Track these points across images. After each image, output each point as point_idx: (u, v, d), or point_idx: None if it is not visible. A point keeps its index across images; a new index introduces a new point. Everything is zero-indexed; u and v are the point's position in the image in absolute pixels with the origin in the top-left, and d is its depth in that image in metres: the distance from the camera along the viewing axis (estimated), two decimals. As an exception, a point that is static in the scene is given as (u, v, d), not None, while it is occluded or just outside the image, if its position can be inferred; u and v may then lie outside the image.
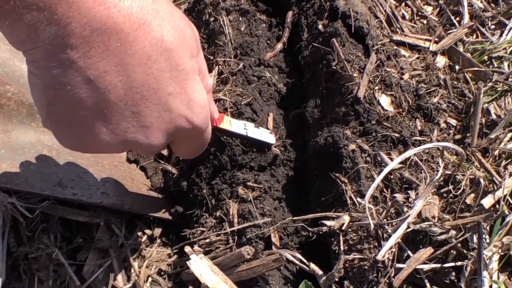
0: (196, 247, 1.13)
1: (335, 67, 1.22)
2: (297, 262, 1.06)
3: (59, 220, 1.24)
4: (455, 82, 1.25)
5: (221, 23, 1.38)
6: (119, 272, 1.19)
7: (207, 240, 1.12)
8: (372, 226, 0.97)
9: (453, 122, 1.19)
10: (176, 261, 1.19)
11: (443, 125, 1.17)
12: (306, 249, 1.14)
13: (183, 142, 0.96)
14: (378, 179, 0.98)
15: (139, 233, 1.26)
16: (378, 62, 1.22)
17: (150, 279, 1.18)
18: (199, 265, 1.07)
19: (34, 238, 1.20)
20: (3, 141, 1.21)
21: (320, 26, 1.33)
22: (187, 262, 1.07)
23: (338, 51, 1.22)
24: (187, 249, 1.14)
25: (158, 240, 1.26)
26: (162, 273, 1.20)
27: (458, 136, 1.17)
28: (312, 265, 1.04)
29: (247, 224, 1.09)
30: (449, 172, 1.05)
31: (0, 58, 1.31)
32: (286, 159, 1.25)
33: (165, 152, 1.38)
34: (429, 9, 1.52)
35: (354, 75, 1.17)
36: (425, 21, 1.46)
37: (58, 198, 1.19)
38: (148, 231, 1.26)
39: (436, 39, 1.36)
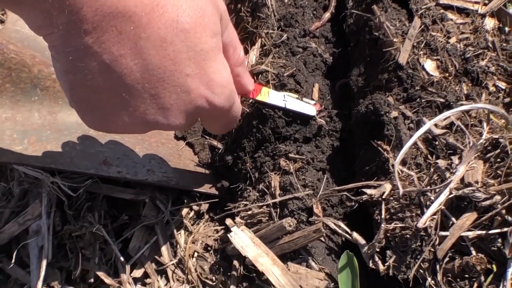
0: (238, 219, 1.12)
1: (377, 34, 1.20)
2: (339, 231, 1.05)
3: (104, 198, 1.27)
4: (504, 44, 1.20)
5: (264, -5, 1.37)
6: (165, 249, 1.20)
7: (249, 213, 1.12)
8: (401, 192, 0.95)
9: (502, 85, 1.14)
10: (222, 236, 1.19)
11: (492, 88, 1.14)
12: (352, 220, 1.12)
13: (209, 120, 0.97)
14: (410, 142, 0.96)
15: (186, 209, 1.26)
16: (422, 26, 1.19)
17: (196, 254, 1.18)
18: (241, 237, 1.07)
19: (80, 217, 1.22)
20: (49, 122, 1.24)
21: (363, -8, 1.31)
22: (228, 235, 1.08)
23: (379, 17, 1.20)
24: (228, 221, 1.14)
25: (206, 216, 1.26)
26: (209, 248, 1.20)
27: (507, 99, 1.12)
28: (355, 234, 1.03)
29: (288, 197, 1.09)
30: (496, 136, 1.01)
31: (45, 42, 1.33)
32: (332, 130, 1.23)
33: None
34: (481, -31, 1.47)
35: (394, 40, 1.15)
36: (476, -18, 1.42)
37: (103, 176, 1.21)
38: (195, 207, 1.27)
39: (486, 1, 1.31)
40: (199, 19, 0.78)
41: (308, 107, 1.20)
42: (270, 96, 1.16)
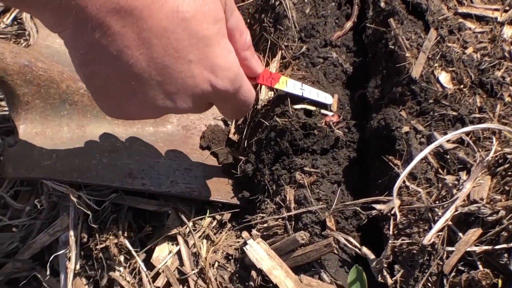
0: (254, 232, 1.16)
1: (392, 47, 1.21)
2: (349, 245, 1.08)
3: (130, 210, 1.31)
4: None
5: (285, 6, 1.38)
6: (187, 258, 1.24)
7: (265, 225, 1.15)
8: (399, 217, 0.98)
9: None
10: (242, 245, 1.22)
11: (507, 99, 1.13)
12: (366, 231, 1.14)
13: (219, 104, 1.02)
14: (410, 167, 0.98)
15: (209, 219, 1.30)
16: (438, 38, 1.19)
17: (217, 264, 1.22)
18: (256, 249, 1.11)
19: (105, 228, 1.27)
20: (78, 135, 1.29)
21: (382, 4, 1.31)
22: (244, 248, 1.11)
23: (394, 30, 1.21)
24: (245, 234, 1.18)
25: (228, 225, 1.30)
26: (230, 257, 1.23)
27: (523, 110, 1.12)
28: (364, 249, 1.06)
29: (301, 210, 1.11)
30: (507, 150, 1.02)
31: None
32: (349, 141, 1.25)
33: (235, 138, 1.41)
34: (504, -25, 1.44)
35: (407, 55, 1.16)
36: (499, -11, 1.39)
37: (127, 189, 1.26)
38: (218, 216, 1.31)
39: (507, 8, 1.30)
40: (199, 7, 0.83)
41: (325, 96, 1.25)
42: (288, 84, 1.21)
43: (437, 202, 1.00)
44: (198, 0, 0.83)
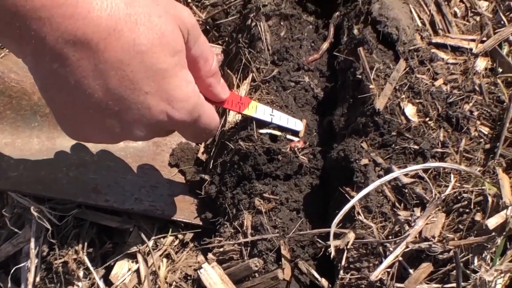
0: (210, 256, 1.16)
1: (359, 76, 1.21)
2: (307, 274, 1.08)
3: (94, 225, 1.31)
4: (492, 87, 1.17)
5: (259, 28, 1.38)
6: (145, 277, 1.24)
7: (221, 250, 1.15)
8: (333, 253, 0.98)
9: (485, 130, 1.13)
10: (197, 268, 1.22)
11: (474, 133, 1.12)
12: (322, 259, 1.14)
13: (178, 131, 1.04)
14: (352, 202, 0.98)
15: (171, 238, 1.30)
16: (407, 68, 1.18)
17: (174, 284, 1.22)
18: (210, 274, 1.11)
19: (67, 243, 1.27)
20: (48, 147, 1.30)
21: (355, 31, 1.30)
22: (198, 271, 1.12)
23: (363, 60, 1.20)
24: (200, 258, 1.18)
25: (190, 244, 1.30)
26: (188, 277, 1.23)
27: (488, 146, 1.10)
28: (323, 281, 1.06)
29: (256, 238, 1.11)
30: (468, 187, 1.00)
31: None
32: (313, 167, 1.24)
33: (204, 157, 1.41)
34: (484, 4, 1.40)
35: (371, 86, 1.15)
36: (478, 18, 1.38)
37: (91, 204, 1.26)
38: (180, 236, 1.31)
39: (484, 39, 1.28)
40: (156, 40, 0.84)
41: (295, 122, 1.24)
42: (258, 110, 1.21)
43: (390, 237, 0.99)
44: (156, 33, 0.83)
